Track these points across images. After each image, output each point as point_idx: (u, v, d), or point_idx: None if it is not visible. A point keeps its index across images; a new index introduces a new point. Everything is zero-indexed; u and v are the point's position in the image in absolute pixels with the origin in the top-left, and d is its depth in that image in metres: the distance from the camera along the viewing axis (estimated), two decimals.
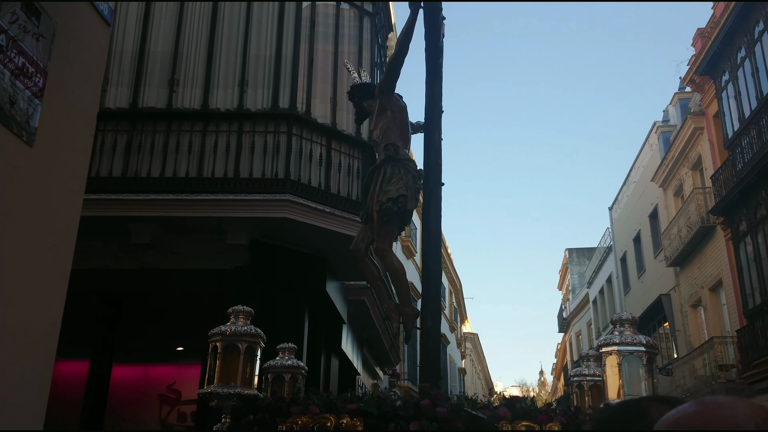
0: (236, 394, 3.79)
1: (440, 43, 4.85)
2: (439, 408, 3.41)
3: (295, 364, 4.61)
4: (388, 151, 4.47)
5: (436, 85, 4.85)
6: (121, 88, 7.63)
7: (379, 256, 4.48)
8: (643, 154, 22.09)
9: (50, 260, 2.26)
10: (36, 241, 2.21)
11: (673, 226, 17.80)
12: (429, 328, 4.33)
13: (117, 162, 7.24)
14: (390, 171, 4.41)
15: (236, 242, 7.32)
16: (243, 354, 3.90)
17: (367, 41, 8.85)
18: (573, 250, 36.42)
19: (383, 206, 4.32)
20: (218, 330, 3.94)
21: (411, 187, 4.40)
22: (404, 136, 4.65)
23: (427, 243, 4.60)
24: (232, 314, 4.06)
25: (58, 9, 2.25)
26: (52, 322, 2.25)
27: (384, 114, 4.64)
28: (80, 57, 2.39)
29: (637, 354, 3.57)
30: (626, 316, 3.76)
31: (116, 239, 7.28)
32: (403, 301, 4.46)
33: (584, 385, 4.32)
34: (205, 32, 7.96)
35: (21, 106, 2.08)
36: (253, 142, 7.39)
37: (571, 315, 35.31)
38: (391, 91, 4.74)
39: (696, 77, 16.22)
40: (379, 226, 4.38)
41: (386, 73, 4.80)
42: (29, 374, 2.18)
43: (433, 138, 4.76)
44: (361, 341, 12.49)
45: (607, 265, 26.94)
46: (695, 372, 15.96)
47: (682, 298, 18.09)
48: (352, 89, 5.05)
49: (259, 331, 4.01)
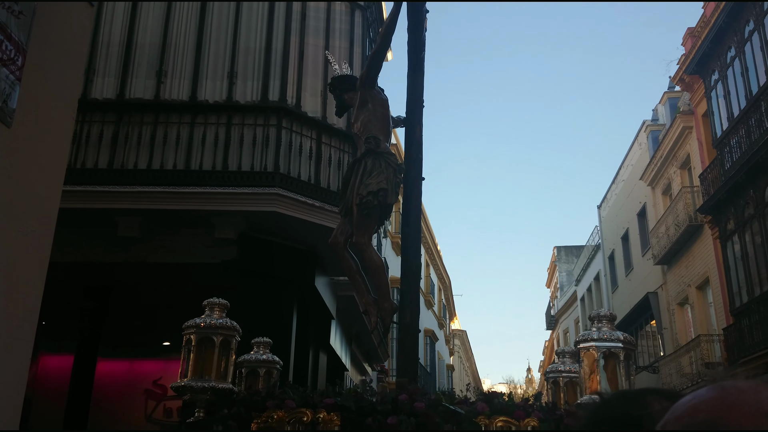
0: (210, 387, 3.71)
1: (422, 37, 4.81)
2: (416, 403, 3.38)
3: (269, 358, 4.56)
4: (369, 144, 4.43)
5: (417, 80, 4.82)
6: (108, 78, 7.52)
7: (358, 250, 4.43)
8: (632, 153, 22.17)
9: (28, 246, 2.18)
10: (13, 225, 2.13)
11: (661, 224, 17.88)
12: (407, 324, 4.30)
13: (103, 153, 7.13)
14: (371, 164, 4.37)
15: (224, 236, 7.24)
16: (218, 347, 3.83)
17: (359, 35, 8.79)
18: (561, 248, 36.56)
19: (363, 200, 4.28)
20: (192, 322, 3.86)
21: (392, 181, 4.36)
22: (385, 129, 4.61)
23: (407, 238, 4.57)
24: (207, 306, 3.99)
25: None
26: (29, 311, 2.17)
27: (365, 107, 4.60)
28: (62, 37, 2.30)
29: (615, 350, 3.57)
30: (604, 312, 3.78)
31: (103, 232, 7.18)
32: (382, 295, 4.42)
33: (560, 381, 4.33)
34: (194, 23, 7.86)
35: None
36: (242, 135, 7.31)
37: (559, 312, 35.45)
38: (372, 84, 4.70)
39: (685, 76, 16.28)
40: (359, 220, 4.34)
41: (368, 65, 4.75)
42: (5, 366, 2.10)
43: (414, 132, 4.74)
44: (350, 337, 12.45)
45: (596, 263, 27.05)
46: (682, 370, 16.06)
47: (669, 296, 18.19)
48: (333, 81, 5.01)
49: (235, 324, 3.94)
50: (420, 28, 4.76)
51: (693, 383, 14.89)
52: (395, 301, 4.79)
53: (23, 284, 2.15)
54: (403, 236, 4.63)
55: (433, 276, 28.44)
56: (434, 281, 28.63)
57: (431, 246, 27.04)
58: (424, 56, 4.88)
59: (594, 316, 3.77)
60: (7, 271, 2.09)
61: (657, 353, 19.55)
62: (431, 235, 26.87)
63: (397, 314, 4.46)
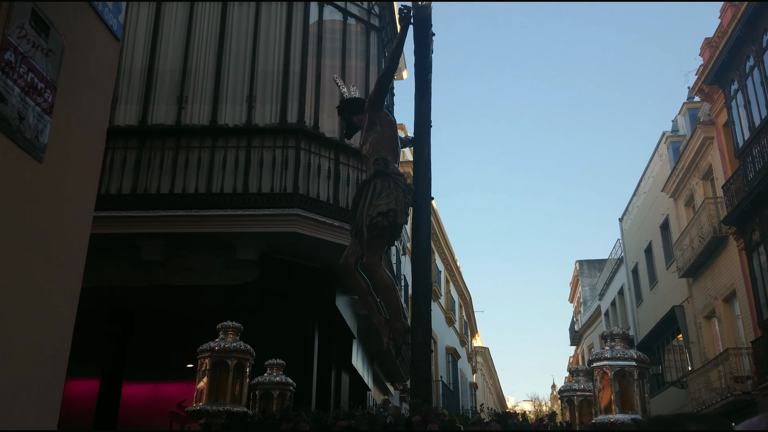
0: (225, 411, 3.73)
1: (429, 59, 4.87)
2: (430, 425, 3.35)
3: (283, 380, 4.56)
4: (378, 165, 4.47)
5: (425, 101, 4.88)
6: (131, 105, 7.67)
7: (369, 271, 4.45)
8: (653, 165, 21.98)
9: (60, 277, 2.24)
10: (46, 257, 2.19)
11: (684, 236, 17.65)
12: (419, 344, 4.28)
13: (126, 179, 7.25)
14: (380, 185, 4.39)
15: (246, 257, 7.30)
16: (232, 370, 3.85)
17: (374, 56, 8.87)
18: (584, 262, 36.20)
19: (373, 220, 4.30)
20: (207, 346, 3.90)
21: (401, 202, 4.38)
22: (393, 150, 4.65)
23: (417, 257, 4.57)
24: (221, 330, 4.02)
25: (67, 24, 2.25)
26: (62, 340, 2.22)
27: (373, 128, 4.64)
28: (90, 72, 2.38)
29: (628, 369, 3.55)
30: (617, 330, 3.78)
31: (126, 256, 7.28)
32: (393, 315, 4.42)
33: (575, 400, 4.29)
34: (214, 49, 8.00)
35: (30, 122, 2.07)
36: (261, 157, 7.39)
37: (583, 328, 35.01)
38: (380, 106, 4.75)
39: (705, 87, 16.16)
40: (369, 241, 4.36)
41: (375, 88, 4.81)
42: (39, 393, 2.15)
43: (423, 153, 4.77)
44: (371, 356, 12.41)
45: (619, 276, 26.74)
46: (710, 384, 15.74)
47: (695, 309, 17.90)
48: (341, 103, 5.07)
49: (249, 347, 3.96)
50: (426, 51, 4.82)
51: (722, 398, 14.59)
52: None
53: (55, 315, 2.21)
54: (414, 256, 4.63)
55: (454, 292, 28.28)
56: (455, 298, 28.47)
57: (451, 262, 26.93)
58: (431, 78, 4.94)
59: (607, 334, 3.77)
60: (39, 302, 2.14)
61: (685, 368, 19.20)
62: (450, 251, 26.79)
63: (409, 334, 4.45)
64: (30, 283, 2.13)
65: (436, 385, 21.82)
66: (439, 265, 24.91)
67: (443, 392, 22.09)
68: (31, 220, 2.14)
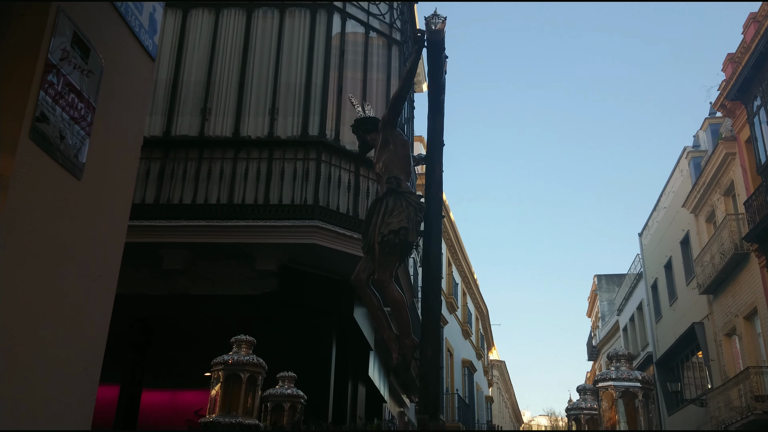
0: (237, 423, 3.79)
1: (442, 80, 4.94)
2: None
3: (294, 393, 4.63)
4: (390, 184, 4.55)
5: (438, 121, 4.94)
6: (156, 116, 7.81)
7: (380, 287, 4.50)
8: (674, 180, 21.81)
9: (95, 290, 2.31)
10: (82, 271, 2.26)
11: (705, 252, 17.47)
12: (429, 359, 4.30)
13: (150, 189, 7.37)
14: (392, 203, 4.47)
15: (266, 268, 7.37)
16: (245, 383, 3.92)
17: (395, 69, 8.95)
18: (602, 277, 35.89)
19: (385, 238, 4.37)
20: (221, 359, 3.98)
21: (412, 220, 4.44)
22: (406, 169, 4.73)
23: (427, 274, 4.59)
24: (235, 344, 4.09)
25: (106, 45, 2.33)
26: (95, 353, 2.29)
27: (387, 147, 4.72)
28: (126, 91, 2.46)
29: (633, 389, 3.62)
30: (622, 351, 3.88)
31: (148, 265, 7.38)
32: (403, 331, 4.47)
33: (581, 418, 4.34)
34: (237, 62, 8.13)
35: (70, 141, 2.16)
36: (282, 169, 7.48)
37: (601, 343, 34.65)
38: (393, 125, 4.84)
39: (727, 102, 16.04)
40: (380, 258, 4.42)
41: (389, 107, 4.89)
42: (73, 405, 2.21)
43: (434, 172, 4.83)
44: (388, 368, 12.41)
45: (638, 292, 26.47)
46: (730, 403, 15.51)
47: (716, 326, 17.67)
48: (356, 122, 5.15)
49: (261, 361, 4.03)
50: (440, 73, 4.89)
51: (742, 417, 14.36)
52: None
53: (89, 327, 2.27)
54: (424, 273, 4.66)
55: (471, 305, 28.18)
56: (471, 311, 28.37)
57: (468, 275, 26.86)
58: (444, 98, 5.02)
59: (612, 355, 3.86)
60: (73, 315, 2.21)
61: (704, 385, 18.93)
62: (468, 263, 26.72)
63: (419, 350, 4.48)
64: (66, 297, 2.20)
65: (451, 398, 21.71)
66: (456, 278, 24.85)
67: (459, 405, 21.96)
68: (68, 235, 2.22)
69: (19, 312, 2.02)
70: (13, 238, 1.98)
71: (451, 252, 23.44)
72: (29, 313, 2.06)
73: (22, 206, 2.01)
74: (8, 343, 1.98)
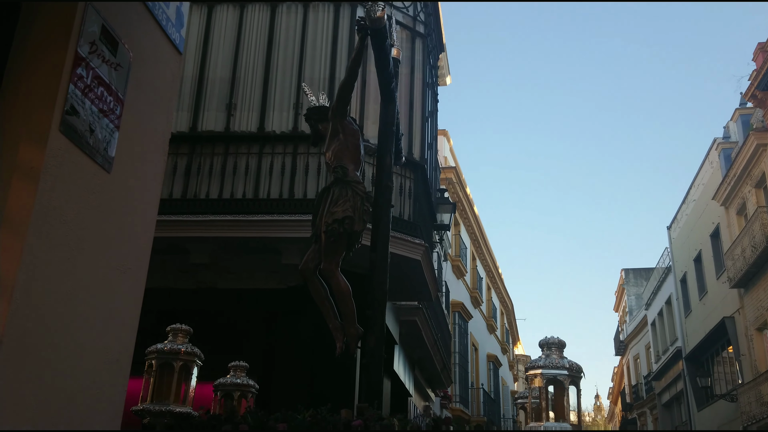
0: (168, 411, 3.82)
1: (390, 69, 4.92)
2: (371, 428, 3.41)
3: (244, 382, 4.67)
4: (337, 173, 4.53)
5: (389, 110, 4.96)
6: (182, 112, 7.88)
7: (326, 277, 4.50)
8: (703, 172, 21.44)
9: (125, 283, 2.35)
10: (112, 264, 2.30)
11: (736, 246, 17.15)
12: (371, 349, 4.32)
13: (177, 184, 7.45)
14: (338, 193, 4.44)
15: (291, 262, 7.40)
16: (177, 372, 3.97)
17: (419, 62, 8.92)
18: (630, 271, 35.45)
19: (329, 227, 4.36)
20: (154, 348, 4.03)
21: (358, 209, 4.41)
22: (356, 158, 4.69)
23: (374, 264, 4.58)
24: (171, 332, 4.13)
25: (134, 39, 2.36)
26: (126, 344, 2.32)
27: (336, 137, 4.71)
28: (154, 85, 2.49)
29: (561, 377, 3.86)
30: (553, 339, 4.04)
31: (175, 259, 7.47)
32: (348, 321, 4.47)
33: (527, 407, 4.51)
34: (261, 57, 8.17)
35: (99, 135, 2.19)
36: (307, 164, 7.51)
37: (629, 337, 34.27)
38: (343, 115, 4.80)
39: (758, 92, 15.70)
40: (326, 247, 4.42)
41: (337, 97, 4.85)
42: (104, 397, 2.25)
43: (385, 160, 4.83)
44: (412, 362, 12.41)
45: (666, 286, 26.11)
46: (761, 398, 15.24)
47: (747, 320, 17.35)
48: (308, 111, 5.13)
49: (196, 349, 4.06)
50: (386, 62, 4.88)
51: None
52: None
53: (120, 319, 2.31)
54: (371, 262, 4.63)
55: (495, 300, 28.07)
56: (496, 305, 28.25)
57: (492, 269, 26.73)
58: (396, 87, 5.05)
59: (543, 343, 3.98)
60: (105, 307, 2.25)
61: (735, 381, 18.62)
62: (492, 257, 26.59)
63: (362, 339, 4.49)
64: (97, 289, 2.24)
65: (476, 393, 21.68)
66: (481, 272, 24.75)
67: (484, 399, 21.92)
68: (99, 228, 2.25)
69: (53, 303, 2.06)
70: (45, 230, 2.01)
71: (476, 246, 23.34)
72: (63, 304, 2.10)
73: (53, 198, 2.04)
74: (43, 333, 2.02)
